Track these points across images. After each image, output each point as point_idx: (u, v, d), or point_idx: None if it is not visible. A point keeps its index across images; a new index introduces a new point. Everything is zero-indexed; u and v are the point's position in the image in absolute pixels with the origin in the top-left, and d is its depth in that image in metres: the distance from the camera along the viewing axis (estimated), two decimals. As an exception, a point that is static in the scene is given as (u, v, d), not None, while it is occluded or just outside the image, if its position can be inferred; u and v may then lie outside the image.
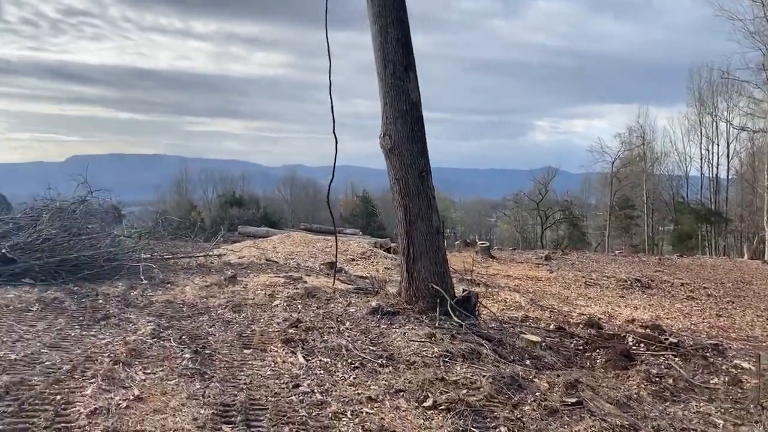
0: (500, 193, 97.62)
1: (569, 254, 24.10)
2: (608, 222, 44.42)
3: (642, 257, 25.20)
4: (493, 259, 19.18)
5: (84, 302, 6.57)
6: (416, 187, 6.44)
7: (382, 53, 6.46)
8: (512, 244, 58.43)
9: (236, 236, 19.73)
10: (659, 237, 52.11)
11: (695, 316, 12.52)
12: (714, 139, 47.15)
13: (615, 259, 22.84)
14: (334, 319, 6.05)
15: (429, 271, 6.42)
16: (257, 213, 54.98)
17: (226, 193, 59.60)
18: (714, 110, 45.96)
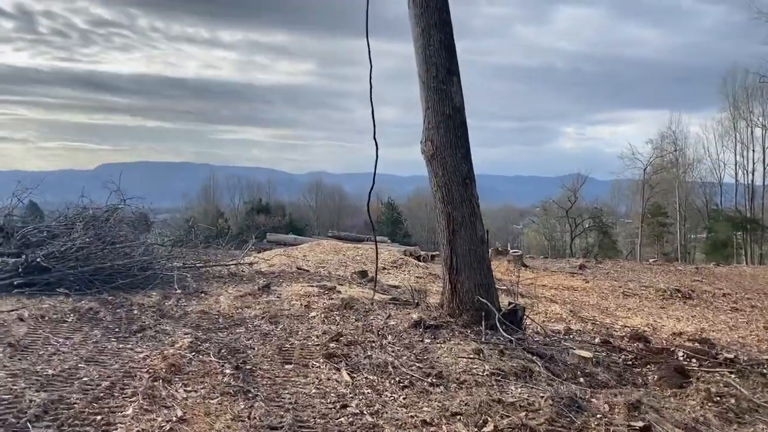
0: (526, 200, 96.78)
1: (603, 263, 23.60)
2: (640, 230, 43.56)
3: (678, 266, 24.57)
4: (527, 268, 18.79)
5: (119, 313, 6.43)
6: (460, 194, 6.19)
7: (424, 56, 6.24)
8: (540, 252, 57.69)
9: (265, 244, 19.63)
10: (692, 245, 51.05)
11: (741, 328, 12.03)
12: (749, 145, 46.08)
13: (650, 268, 22.28)
14: (374, 332, 5.82)
15: (473, 282, 6.16)
16: (283, 220, 55.20)
17: (252, 201, 59.93)
18: (749, 115, 44.94)
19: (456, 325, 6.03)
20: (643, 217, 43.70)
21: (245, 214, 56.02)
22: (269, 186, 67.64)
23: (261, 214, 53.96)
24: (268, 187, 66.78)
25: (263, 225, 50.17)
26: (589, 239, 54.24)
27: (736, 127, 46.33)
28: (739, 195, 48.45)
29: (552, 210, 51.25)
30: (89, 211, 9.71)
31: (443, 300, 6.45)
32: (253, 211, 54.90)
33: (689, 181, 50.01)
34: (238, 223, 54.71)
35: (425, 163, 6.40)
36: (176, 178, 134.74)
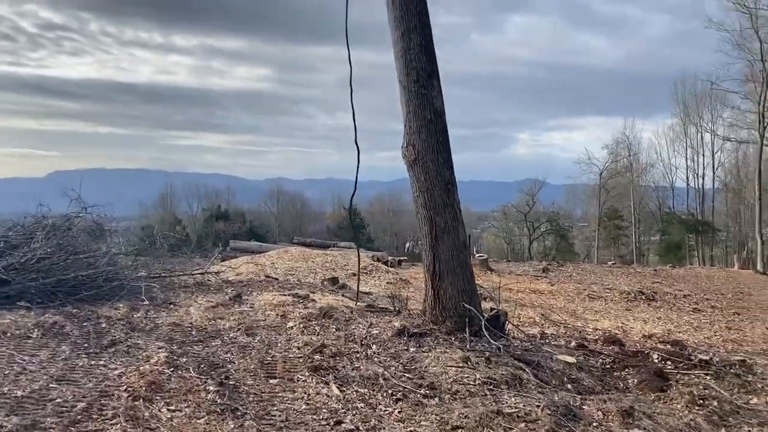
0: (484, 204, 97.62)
1: (564, 266, 23.91)
2: (597, 233, 44.42)
3: (637, 268, 25.06)
4: (492, 272, 18.87)
5: (86, 326, 6.12)
6: (442, 199, 6.09)
7: (404, 59, 6.13)
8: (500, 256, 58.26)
9: (229, 252, 19.24)
10: (646, 247, 52.27)
11: (705, 329, 12.27)
12: (699, 150, 47.46)
13: (611, 271, 22.65)
14: (358, 342, 5.67)
15: (456, 288, 6.07)
16: (243, 227, 54.41)
17: (211, 207, 58.94)
18: (699, 120, 46.28)
19: (440, 332, 5.93)
20: (599, 220, 44.54)
21: (204, 221, 55.04)
22: (228, 193, 66.68)
23: (220, 221, 53.07)
24: (227, 193, 65.83)
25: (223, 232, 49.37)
26: (547, 242, 55.05)
27: (687, 133, 47.70)
28: (691, 198, 49.89)
29: (511, 214, 51.81)
30: (48, 220, 9.31)
31: (425, 307, 6.34)
32: (212, 218, 53.97)
33: (642, 186, 51.26)
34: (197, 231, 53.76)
35: (406, 168, 6.29)
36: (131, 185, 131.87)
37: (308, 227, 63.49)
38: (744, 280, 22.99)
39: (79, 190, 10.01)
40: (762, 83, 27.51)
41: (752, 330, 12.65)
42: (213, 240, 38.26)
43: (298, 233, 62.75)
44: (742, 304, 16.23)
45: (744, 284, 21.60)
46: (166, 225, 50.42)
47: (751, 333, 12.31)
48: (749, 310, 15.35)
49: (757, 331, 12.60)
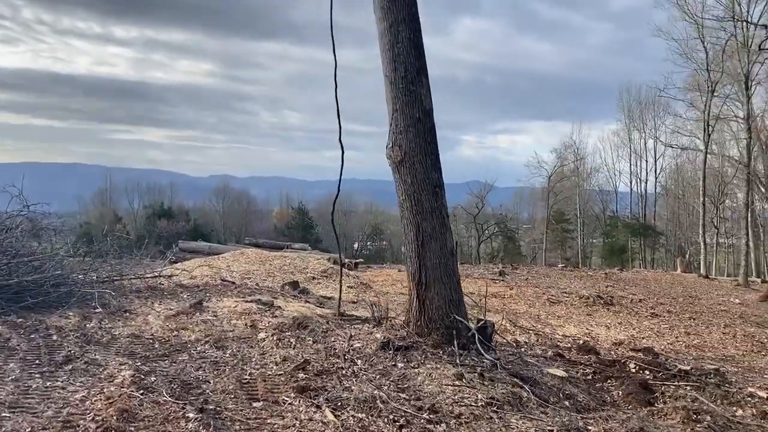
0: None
1: (518, 269, 23.97)
2: (545, 235, 45.04)
3: (588, 272, 25.33)
4: (449, 276, 18.68)
5: (35, 339, 5.51)
6: (430, 203, 5.73)
7: (392, 54, 5.74)
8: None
9: (177, 253, 18.41)
10: (589, 250, 53.36)
11: (667, 335, 12.34)
12: (642, 155, 48.74)
13: (563, 274, 22.80)
14: (341, 357, 5.25)
15: (444, 298, 5.71)
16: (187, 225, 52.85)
17: (153, 204, 57.10)
18: (643, 127, 47.52)
19: (426, 345, 5.56)
20: (548, 223, 45.18)
21: (146, 219, 53.28)
22: (171, 189, 64.80)
23: (163, 219, 51.47)
24: (170, 190, 63.96)
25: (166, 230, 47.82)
26: (494, 244, 55.55)
27: (631, 139, 48.95)
28: (633, 203, 51.22)
29: (461, 216, 52.04)
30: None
31: (409, 317, 5.96)
32: (154, 216, 52.30)
33: (587, 189, 52.35)
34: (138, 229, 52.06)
35: (392, 170, 5.90)
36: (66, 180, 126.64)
37: (255, 226, 62.36)
38: (690, 283, 23.50)
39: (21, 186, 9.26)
40: (707, 92, 28.31)
41: (710, 335, 12.82)
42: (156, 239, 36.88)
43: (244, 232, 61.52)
44: (695, 309, 16.49)
45: (691, 288, 22.07)
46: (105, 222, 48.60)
47: (709, 338, 12.46)
48: (702, 314, 15.60)
49: (714, 336, 12.77)
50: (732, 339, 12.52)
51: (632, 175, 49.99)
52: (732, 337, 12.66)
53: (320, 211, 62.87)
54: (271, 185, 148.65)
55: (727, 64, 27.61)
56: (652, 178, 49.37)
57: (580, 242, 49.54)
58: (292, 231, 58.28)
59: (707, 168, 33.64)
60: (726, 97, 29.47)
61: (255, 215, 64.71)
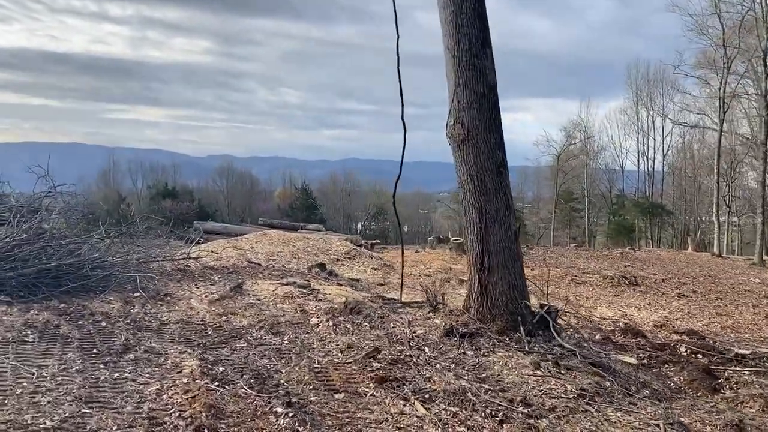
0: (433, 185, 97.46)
1: (533, 248, 23.77)
2: (553, 215, 44.81)
3: (603, 251, 25.14)
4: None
5: (84, 326, 5.30)
6: (494, 184, 5.48)
7: (454, 25, 5.45)
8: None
9: (194, 233, 18.17)
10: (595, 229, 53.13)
11: (698, 315, 12.14)
12: (650, 133, 48.33)
13: (579, 254, 22.59)
14: (406, 344, 5.04)
15: (507, 283, 5.49)
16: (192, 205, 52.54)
17: (157, 184, 56.70)
18: (651, 104, 47.06)
19: (490, 331, 5.35)
20: (556, 202, 44.92)
21: (149, 199, 52.95)
22: (175, 169, 64.41)
23: (167, 199, 51.14)
24: (173, 170, 63.57)
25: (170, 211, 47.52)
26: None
27: (639, 116, 48.47)
28: (640, 181, 50.89)
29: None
30: (11, 199, 8.31)
31: (470, 303, 5.74)
32: (158, 196, 51.94)
33: (594, 168, 51.95)
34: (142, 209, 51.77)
35: (452, 149, 5.63)
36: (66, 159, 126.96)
37: (258, 206, 62.05)
38: (705, 263, 23.30)
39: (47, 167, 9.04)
40: (723, 69, 27.87)
41: (740, 316, 12.62)
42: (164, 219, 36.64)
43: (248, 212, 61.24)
44: (718, 288, 16.28)
45: (707, 267, 21.88)
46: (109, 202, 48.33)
47: (741, 319, 12.26)
48: (727, 294, 15.39)
49: (746, 317, 12.57)
50: (765, 320, 12.33)
51: (639, 154, 49.61)
52: (765, 318, 12.46)
53: (324, 191, 62.62)
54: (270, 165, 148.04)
55: (744, 40, 27.16)
56: (659, 156, 49.00)
57: (587, 222, 49.30)
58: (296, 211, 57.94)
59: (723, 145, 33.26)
60: (741, 75, 29.03)
61: (258, 195, 64.38)
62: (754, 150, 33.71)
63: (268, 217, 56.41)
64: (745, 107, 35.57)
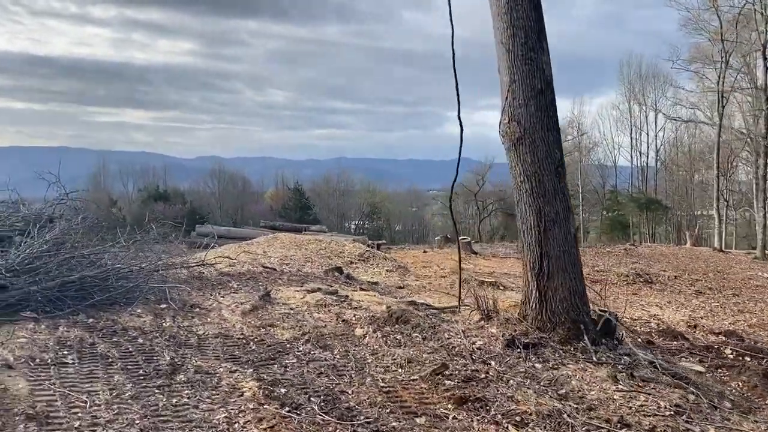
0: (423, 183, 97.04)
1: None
2: (549, 212, 44.68)
3: (607, 247, 24.97)
4: (477, 255, 18.22)
5: (120, 343, 4.97)
6: (553, 184, 5.20)
7: (509, 17, 5.16)
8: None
9: (194, 237, 17.77)
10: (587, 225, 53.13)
11: (721, 314, 11.94)
12: (643, 128, 48.38)
13: (583, 251, 22.30)
14: (467, 357, 4.75)
15: (568, 289, 5.21)
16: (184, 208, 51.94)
17: (148, 188, 56.07)
18: (644, 100, 47.09)
19: (552, 341, 5.07)
20: (551, 199, 44.80)
21: (141, 202, 52.30)
22: (165, 172, 63.72)
23: (159, 202, 50.53)
24: (164, 173, 62.89)
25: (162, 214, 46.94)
26: (494, 222, 55.21)
27: (631, 112, 48.48)
28: (634, 177, 50.94)
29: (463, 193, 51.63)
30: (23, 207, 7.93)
31: (526, 310, 5.45)
32: (150, 199, 51.33)
33: (586, 164, 51.95)
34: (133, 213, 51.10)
35: (506, 149, 5.34)
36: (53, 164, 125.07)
37: (250, 208, 61.50)
38: (707, 258, 23.17)
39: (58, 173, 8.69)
40: (721, 63, 27.78)
41: (761, 313, 12.45)
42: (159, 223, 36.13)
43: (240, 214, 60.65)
44: (731, 285, 16.13)
45: (712, 262, 21.74)
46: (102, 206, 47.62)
47: (764, 316, 12.09)
48: (741, 290, 15.24)
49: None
50: (787, 318, 12.16)
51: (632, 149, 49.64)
52: (786, 315, 12.29)
53: (316, 191, 62.15)
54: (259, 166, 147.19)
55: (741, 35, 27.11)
56: (652, 152, 49.08)
57: (581, 218, 49.25)
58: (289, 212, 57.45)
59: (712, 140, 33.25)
60: (739, 69, 28.97)
61: (250, 197, 63.83)
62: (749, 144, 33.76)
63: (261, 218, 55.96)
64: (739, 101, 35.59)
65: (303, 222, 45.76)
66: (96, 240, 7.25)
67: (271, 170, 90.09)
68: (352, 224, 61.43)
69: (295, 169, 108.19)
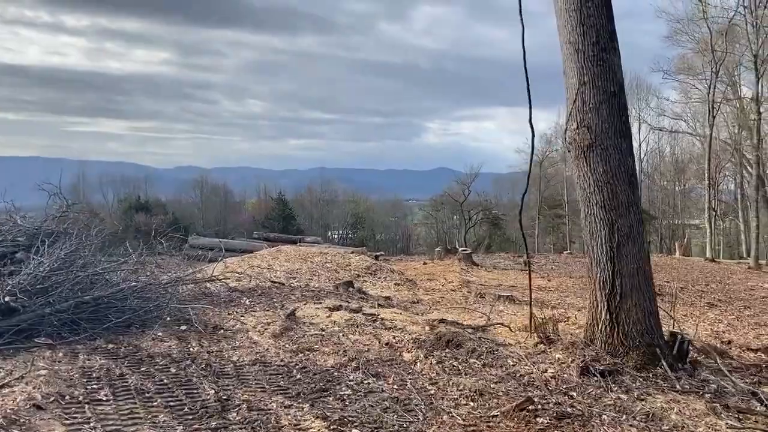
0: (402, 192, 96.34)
1: (534, 257, 23.25)
2: (537, 221, 44.54)
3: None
4: (478, 267, 17.81)
5: (152, 373, 4.46)
6: (626, 196, 4.79)
7: (579, 16, 4.76)
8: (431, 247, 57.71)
9: (188, 250, 17.15)
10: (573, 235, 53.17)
11: (740, 328, 11.64)
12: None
13: (580, 261, 22.13)
14: (544, 388, 4.29)
15: (643, 310, 4.80)
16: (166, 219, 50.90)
17: (129, 198, 54.94)
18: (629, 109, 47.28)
19: (627, 367, 4.64)
20: (539, 209, 44.68)
21: (122, 213, 51.15)
22: (147, 182, 62.61)
23: (141, 213, 49.46)
24: (145, 183, 61.77)
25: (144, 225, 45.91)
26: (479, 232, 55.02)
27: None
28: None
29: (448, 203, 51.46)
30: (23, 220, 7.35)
31: (594, 332, 5.02)
32: (131, 210, 50.21)
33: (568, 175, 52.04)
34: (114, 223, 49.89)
35: (574, 157, 4.92)
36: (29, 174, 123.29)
37: (233, 218, 60.61)
38: (702, 268, 23.07)
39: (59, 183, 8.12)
40: (711, 74, 27.86)
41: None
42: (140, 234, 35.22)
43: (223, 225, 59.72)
44: (738, 296, 15.91)
45: (708, 272, 21.59)
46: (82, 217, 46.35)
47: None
48: (749, 302, 15.01)
49: (786, 327, 12.16)
50: (805, 331, 11.91)
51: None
52: (803, 329, 12.05)
53: (299, 201, 61.50)
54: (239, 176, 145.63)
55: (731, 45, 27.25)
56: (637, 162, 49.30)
57: (568, 228, 49.26)
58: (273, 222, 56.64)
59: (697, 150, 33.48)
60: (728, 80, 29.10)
61: (232, 207, 62.92)
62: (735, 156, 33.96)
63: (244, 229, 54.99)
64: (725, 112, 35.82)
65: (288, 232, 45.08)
66: (105, 256, 6.69)
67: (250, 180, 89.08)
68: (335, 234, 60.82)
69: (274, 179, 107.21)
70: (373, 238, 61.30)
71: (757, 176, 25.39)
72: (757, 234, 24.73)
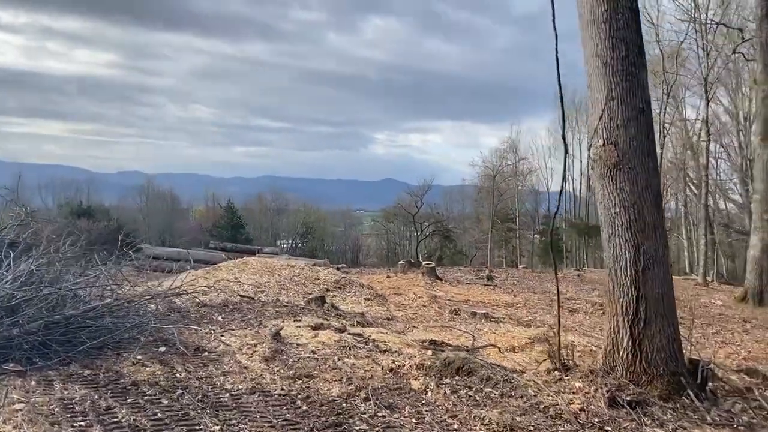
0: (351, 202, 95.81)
1: (493, 272, 23.21)
2: (490, 235, 44.82)
3: (560, 273, 24.92)
4: (442, 281, 17.57)
5: (143, 405, 3.98)
6: (653, 218, 4.57)
7: (608, 28, 4.54)
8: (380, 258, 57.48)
9: (143, 260, 16.29)
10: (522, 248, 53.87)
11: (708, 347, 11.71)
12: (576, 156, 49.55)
13: (539, 276, 22.22)
14: (575, 422, 4.01)
15: (667, 337, 4.58)
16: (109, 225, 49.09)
17: (70, 203, 52.75)
18: (578, 127, 48.33)
19: (652, 397, 4.41)
20: (492, 222, 44.99)
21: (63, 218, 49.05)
22: (89, 186, 60.35)
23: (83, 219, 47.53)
24: (87, 187, 59.53)
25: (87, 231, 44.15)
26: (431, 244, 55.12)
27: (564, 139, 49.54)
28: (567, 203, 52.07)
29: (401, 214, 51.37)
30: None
31: (614, 360, 4.77)
32: (72, 215, 48.19)
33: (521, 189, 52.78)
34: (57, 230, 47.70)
35: (599, 175, 4.68)
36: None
37: (179, 225, 58.98)
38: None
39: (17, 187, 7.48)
40: (662, 95, 28.59)
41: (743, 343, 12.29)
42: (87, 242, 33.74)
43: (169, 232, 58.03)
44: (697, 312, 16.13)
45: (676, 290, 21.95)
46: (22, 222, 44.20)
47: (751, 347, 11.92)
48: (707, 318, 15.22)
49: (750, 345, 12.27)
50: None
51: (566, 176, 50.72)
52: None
53: (249, 209, 60.36)
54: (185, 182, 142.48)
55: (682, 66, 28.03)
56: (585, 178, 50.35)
57: (518, 243, 49.83)
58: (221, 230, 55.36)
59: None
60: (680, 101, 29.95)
61: (179, 214, 61.27)
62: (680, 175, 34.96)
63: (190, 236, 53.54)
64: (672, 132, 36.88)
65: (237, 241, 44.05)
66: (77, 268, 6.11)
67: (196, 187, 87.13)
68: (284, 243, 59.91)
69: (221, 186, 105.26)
70: (323, 248, 60.66)
71: (705, 194, 26.03)
72: (705, 251, 25.31)
